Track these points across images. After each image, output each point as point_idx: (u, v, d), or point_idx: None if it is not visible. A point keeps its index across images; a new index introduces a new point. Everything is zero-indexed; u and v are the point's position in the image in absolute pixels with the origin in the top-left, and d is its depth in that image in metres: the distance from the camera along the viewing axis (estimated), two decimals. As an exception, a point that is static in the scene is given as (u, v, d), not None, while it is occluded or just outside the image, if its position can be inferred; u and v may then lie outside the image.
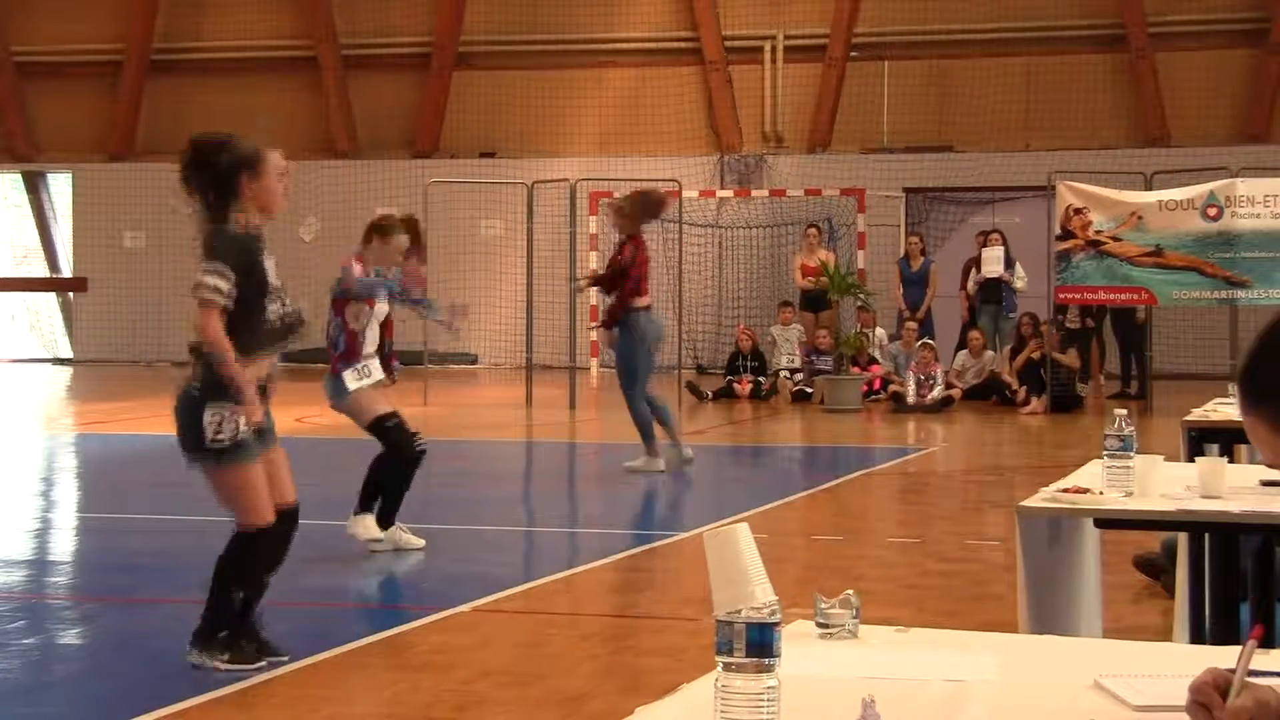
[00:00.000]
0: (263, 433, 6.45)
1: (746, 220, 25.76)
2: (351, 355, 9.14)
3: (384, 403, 9.23)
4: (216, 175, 6.40)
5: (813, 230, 21.98)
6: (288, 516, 6.65)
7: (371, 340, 9.26)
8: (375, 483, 9.17)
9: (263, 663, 6.35)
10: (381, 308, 9.33)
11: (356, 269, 9.27)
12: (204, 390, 6.31)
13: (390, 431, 9.13)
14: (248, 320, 6.36)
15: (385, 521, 9.12)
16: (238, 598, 6.43)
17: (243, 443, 6.32)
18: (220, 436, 6.28)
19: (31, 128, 29.14)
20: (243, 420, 6.30)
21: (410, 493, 9.17)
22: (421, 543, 9.10)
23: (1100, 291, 18.33)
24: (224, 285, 6.29)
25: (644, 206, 12.92)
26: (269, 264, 6.51)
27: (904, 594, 8.07)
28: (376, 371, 9.23)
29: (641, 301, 12.45)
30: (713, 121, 26.58)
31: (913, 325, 20.53)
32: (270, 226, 6.76)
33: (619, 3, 27.00)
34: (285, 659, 6.53)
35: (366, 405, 9.17)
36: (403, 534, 9.12)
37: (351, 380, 9.12)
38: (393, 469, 9.11)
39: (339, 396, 9.16)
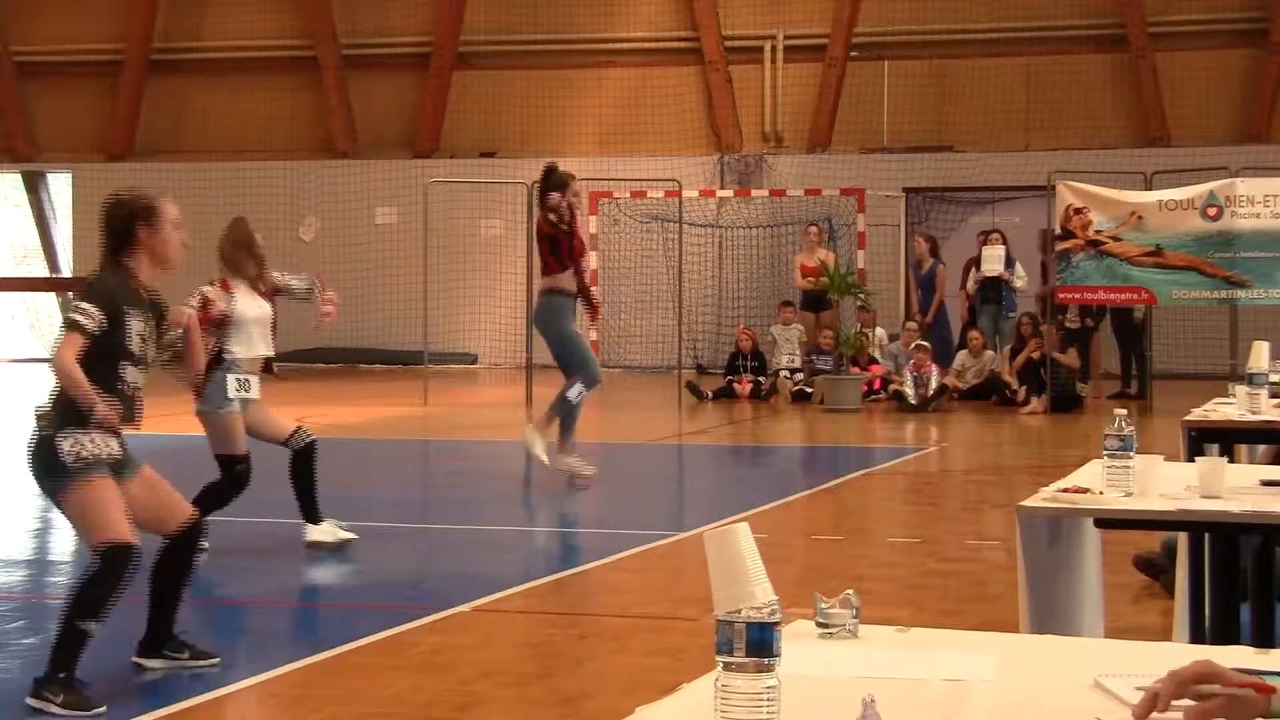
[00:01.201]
0: (120, 464, 6.34)
1: (746, 220, 25.76)
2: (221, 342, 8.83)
3: (243, 440, 8.88)
4: (113, 225, 6.52)
5: (813, 229, 21.99)
6: (187, 533, 6.53)
7: (254, 347, 9.00)
8: (304, 494, 9.02)
9: (102, 708, 6.00)
10: (256, 311, 9.02)
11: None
12: (57, 422, 6.29)
13: (238, 475, 8.82)
14: (100, 380, 6.29)
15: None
16: (89, 629, 6.08)
17: (96, 462, 6.23)
18: (80, 454, 6.22)
19: (31, 128, 29.14)
20: (100, 441, 6.23)
21: (410, 493, 9.17)
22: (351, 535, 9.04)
23: (1100, 291, 18.33)
24: (95, 316, 6.25)
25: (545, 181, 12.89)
26: (134, 326, 6.38)
27: (904, 594, 8.08)
28: (256, 390, 8.97)
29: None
30: (713, 121, 26.58)
31: (913, 326, 20.55)
32: (270, 227, 6.78)
33: (619, 3, 27.00)
34: (216, 661, 6.48)
35: (234, 434, 8.84)
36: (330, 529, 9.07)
37: (233, 389, 8.83)
38: (220, 501, 8.82)
39: (215, 402, 8.81)
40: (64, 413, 6.30)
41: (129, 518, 6.23)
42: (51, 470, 6.26)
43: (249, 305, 9.00)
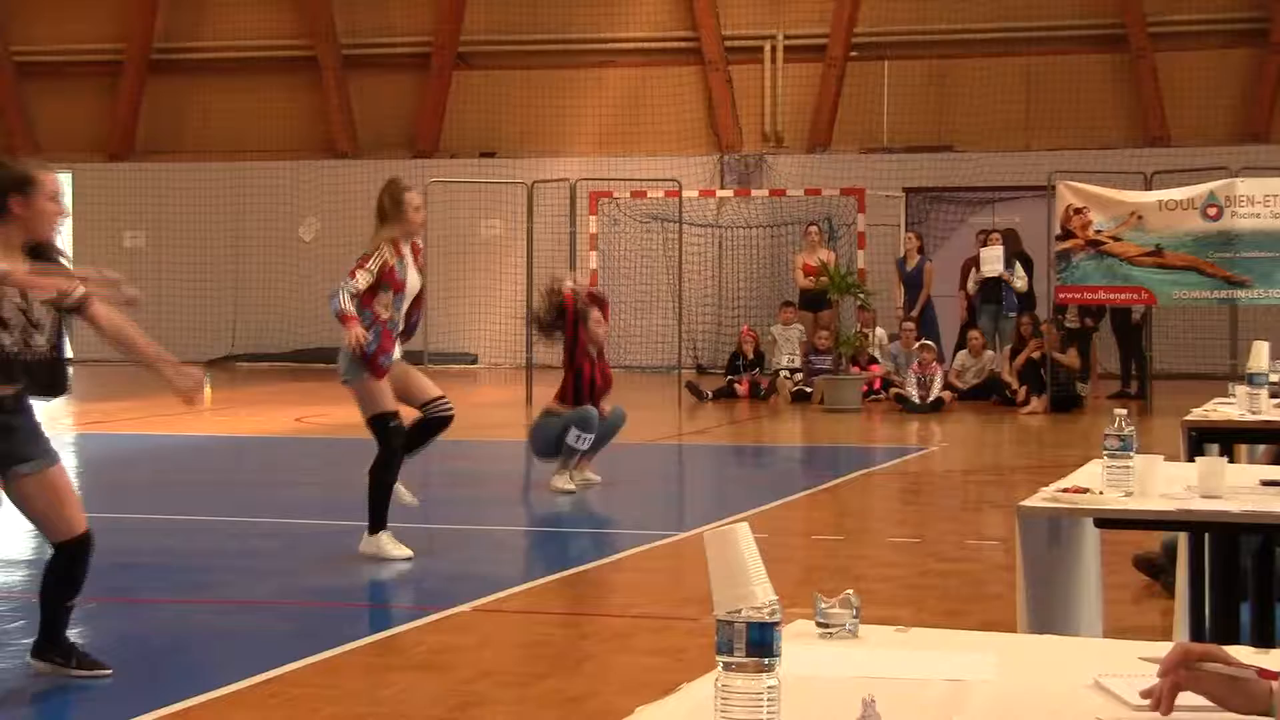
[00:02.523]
0: (9, 452, 6.27)
1: (746, 220, 25.76)
2: (385, 348, 8.85)
3: (392, 398, 8.91)
4: None
5: (813, 229, 21.98)
6: (74, 549, 6.53)
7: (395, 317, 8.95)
8: (378, 498, 8.96)
9: (108, 670, 6.26)
10: (414, 282, 9.02)
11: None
12: None
13: (390, 432, 8.87)
14: None
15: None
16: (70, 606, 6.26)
17: None
18: None
19: (31, 128, 29.13)
20: None
21: (410, 493, 9.16)
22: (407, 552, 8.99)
23: (1100, 291, 18.33)
24: None
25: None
26: (10, 296, 6.23)
27: (904, 594, 8.08)
28: (397, 351, 8.97)
29: None
30: (713, 121, 26.58)
31: (910, 325, 20.55)
32: (270, 227, 6.79)
33: (619, 3, 26.99)
34: (107, 673, 6.44)
35: (377, 395, 8.84)
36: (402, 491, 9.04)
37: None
38: (389, 474, 8.88)
39: (354, 373, 8.84)
40: None
41: None
42: None
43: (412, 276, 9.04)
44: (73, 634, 7.47)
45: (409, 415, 9.15)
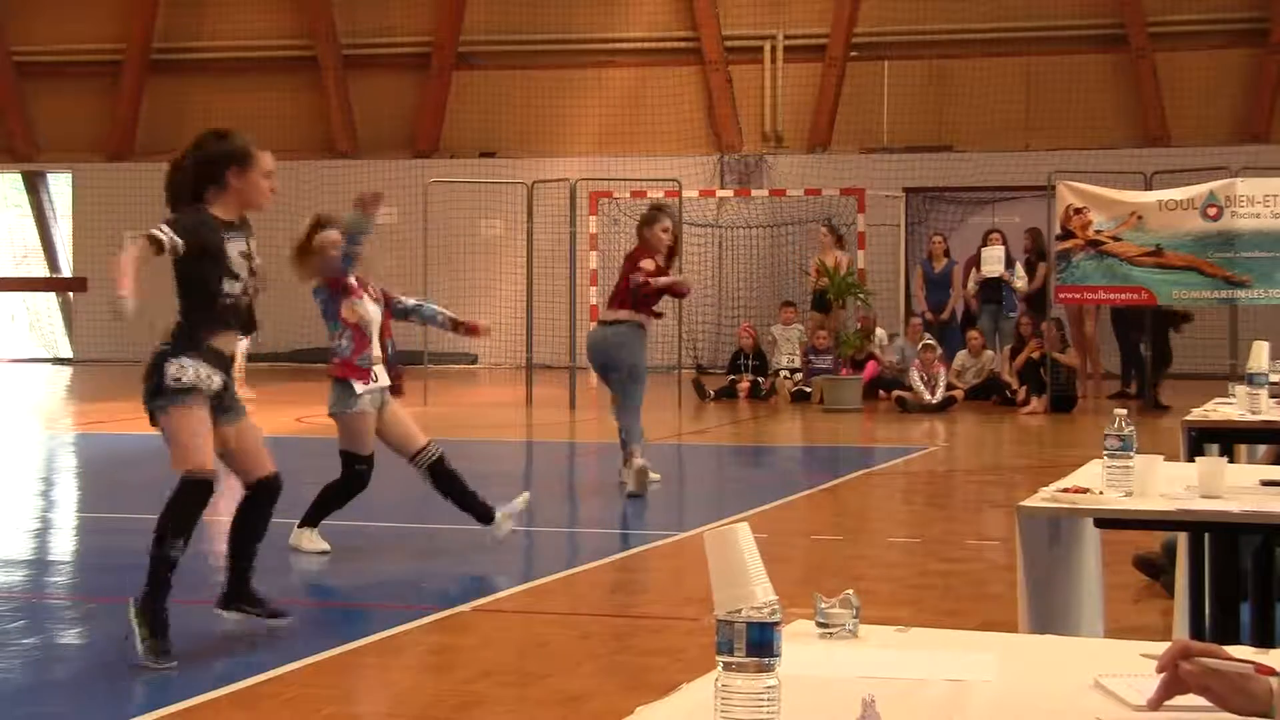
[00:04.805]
0: (222, 399, 6.69)
1: (746, 220, 25.76)
2: (360, 348, 8.99)
3: (370, 442, 8.98)
4: (204, 161, 6.72)
5: (824, 230, 21.90)
6: (266, 487, 6.89)
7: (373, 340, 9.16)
8: (325, 503, 9.09)
9: (174, 664, 6.42)
10: (373, 310, 9.19)
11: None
12: (171, 346, 6.60)
13: (354, 475, 8.97)
14: (205, 297, 6.62)
15: (306, 521, 9.10)
16: (177, 550, 6.54)
17: (197, 390, 6.54)
18: (182, 378, 6.53)
19: (31, 128, 29.14)
20: (205, 372, 6.56)
21: (411, 492, 9.17)
22: (325, 546, 9.05)
23: (1100, 291, 18.33)
24: (168, 232, 6.50)
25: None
26: (233, 247, 6.69)
27: (904, 594, 8.08)
28: (382, 376, 9.07)
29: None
30: (713, 121, 26.58)
31: (917, 321, 20.57)
32: (270, 227, 6.88)
33: (619, 3, 27.00)
34: (287, 621, 6.93)
35: (360, 433, 8.95)
36: (311, 537, 9.11)
37: (360, 386, 8.98)
38: (338, 501, 9.06)
39: (343, 404, 8.95)
40: (177, 339, 6.62)
41: (214, 452, 6.64)
42: (155, 385, 6.58)
43: (370, 306, 9.13)
44: (72, 634, 7.48)
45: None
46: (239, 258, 6.70)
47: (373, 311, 9.15)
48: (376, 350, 9.09)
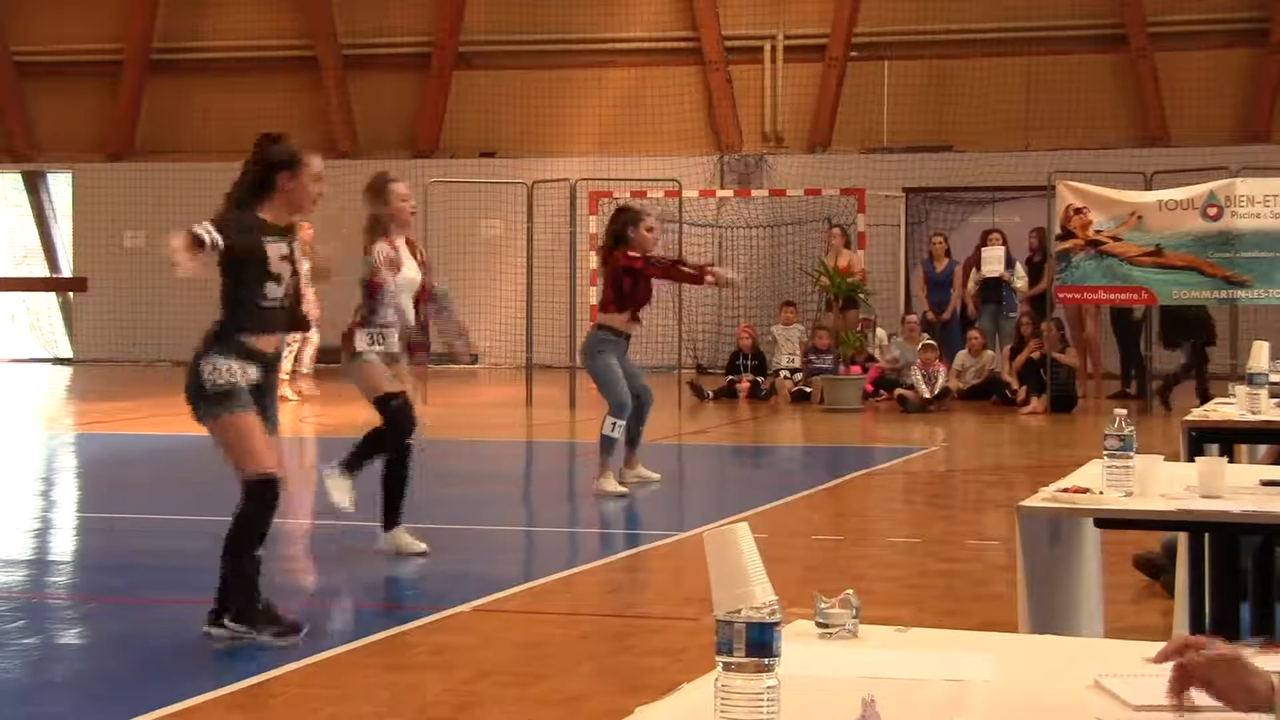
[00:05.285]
0: (262, 402, 6.77)
1: (746, 220, 25.75)
2: (375, 310, 8.87)
3: (394, 381, 8.88)
4: (258, 165, 6.89)
5: (835, 231, 21.86)
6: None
7: (396, 310, 8.99)
8: (364, 452, 8.98)
9: (304, 628, 6.73)
10: (410, 274, 9.03)
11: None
12: (204, 347, 6.73)
13: (394, 411, 8.83)
14: (248, 299, 6.77)
15: (390, 522, 9.01)
16: (258, 556, 6.68)
17: (236, 390, 6.62)
18: (217, 380, 6.63)
19: (31, 128, 29.13)
20: (238, 368, 6.64)
21: (410, 492, 9.16)
22: (423, 547, 9.00)
23: (1100, 291, 18.33)
24: (210, 230, 6.61)
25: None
26: (275, 251, 6.81)
27: (904, 594, 8.08)
28: (393, 343, 8.96)
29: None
30: (713, 121, 26.58)
31: (913, 319, 20.55)
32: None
33: (619, 3, 27.00)
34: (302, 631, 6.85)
35: (376, 378, 8.84)
36: (404, 537, 9.02)
37: (363, 342, 8.86)
38: (383, 446, 8.90)
39: (350, 361, 8.85)
40: (209, 339, 6.78)
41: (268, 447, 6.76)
42: (196, 390, 6.71)
43: (410, 266, 9.17)
44: (72, 634, 7.48)
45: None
46: (280, 261, 6.83)
47: (409, 275, 9.03)
48: (399, 318, 8.95)
